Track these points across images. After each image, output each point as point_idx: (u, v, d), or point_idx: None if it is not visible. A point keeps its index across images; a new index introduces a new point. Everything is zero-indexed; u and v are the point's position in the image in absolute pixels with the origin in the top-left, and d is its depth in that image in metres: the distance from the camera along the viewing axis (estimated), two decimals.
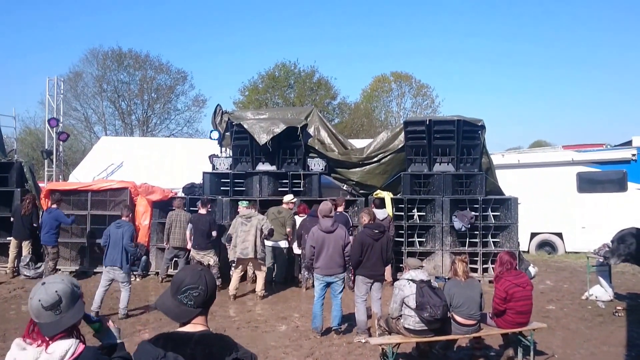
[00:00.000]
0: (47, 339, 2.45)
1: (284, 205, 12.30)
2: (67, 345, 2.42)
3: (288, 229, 12.10)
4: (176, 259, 12.60)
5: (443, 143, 13.29)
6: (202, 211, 11.66)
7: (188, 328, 2.55)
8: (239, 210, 11.40)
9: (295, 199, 12.56)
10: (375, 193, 13.44)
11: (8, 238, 13.36)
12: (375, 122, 43.09)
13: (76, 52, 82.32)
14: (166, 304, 2.58)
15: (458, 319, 6.94)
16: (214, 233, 11.55)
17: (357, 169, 14.10)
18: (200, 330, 2.53)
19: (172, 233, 12.17)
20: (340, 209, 11.84)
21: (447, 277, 9.25)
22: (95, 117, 41.53)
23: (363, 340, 7.99)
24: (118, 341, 2.78)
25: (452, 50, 74.53)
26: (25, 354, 2.44)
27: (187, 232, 11.82)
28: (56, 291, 2.50)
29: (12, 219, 13.21)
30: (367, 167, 14.05)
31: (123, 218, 9.99)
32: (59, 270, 12.43)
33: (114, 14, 68.01)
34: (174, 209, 12.43)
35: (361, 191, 14.27)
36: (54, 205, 12.28)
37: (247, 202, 11.54)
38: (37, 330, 2.47)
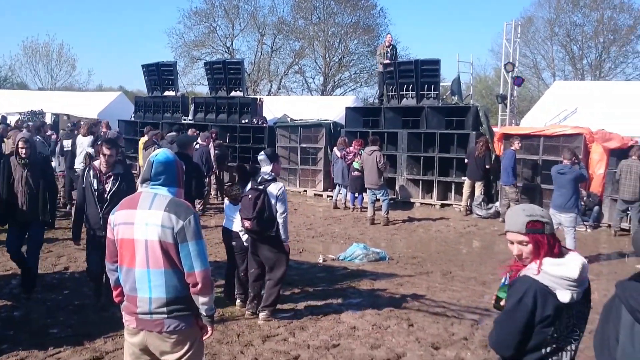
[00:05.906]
0: None
1: None
2: None
3: None
4: (629, 212, 11.68)
5: None
6: None
7: None
8: None
9: None
10: None
11: (462, 178, 14.21)
12: None
13: None
14: None
15: None
16: None
17: None
18: None
19: (622, 185, 11.39)
20: None
21: None
22: (543, 62, 40.97)
23: None
24: None
25: None
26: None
27: None
28: None
29: (466, 161, 13.96)
30: None
31: (565, 162, 9.60)
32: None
33: None
34: (627, 158, 11.51)
35: None
36: (512, 147, 12.71)
37: None
38: None
